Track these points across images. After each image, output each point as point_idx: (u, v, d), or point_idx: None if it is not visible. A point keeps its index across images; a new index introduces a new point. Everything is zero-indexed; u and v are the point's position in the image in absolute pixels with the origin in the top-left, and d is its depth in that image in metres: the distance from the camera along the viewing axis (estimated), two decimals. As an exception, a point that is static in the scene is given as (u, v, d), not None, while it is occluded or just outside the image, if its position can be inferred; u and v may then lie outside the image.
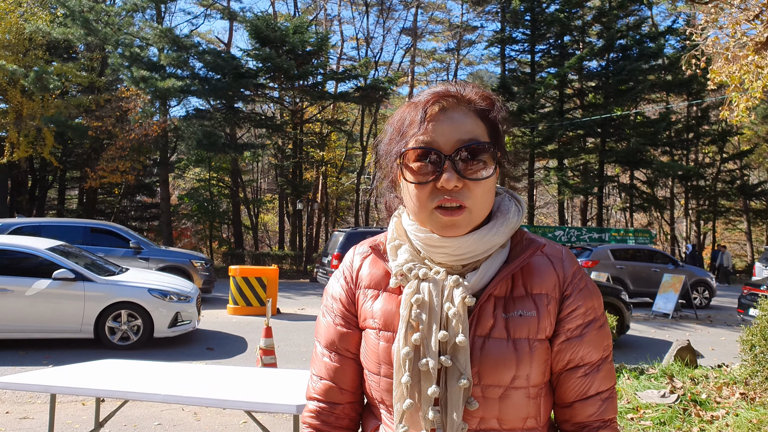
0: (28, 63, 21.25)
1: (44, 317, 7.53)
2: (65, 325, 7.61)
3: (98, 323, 7.67)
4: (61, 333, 7.65)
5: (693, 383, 5.60)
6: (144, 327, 7.79)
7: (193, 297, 8.33)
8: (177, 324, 8.02)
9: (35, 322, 7.53)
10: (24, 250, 7.80)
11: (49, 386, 3.35)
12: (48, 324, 7.56)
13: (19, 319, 7.43)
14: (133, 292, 7.82)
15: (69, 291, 7.59)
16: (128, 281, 8.07)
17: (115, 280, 8.01)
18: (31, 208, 25.13)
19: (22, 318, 7.44)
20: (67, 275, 7.56)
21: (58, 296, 7.57)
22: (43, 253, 7.76)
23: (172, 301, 7.97)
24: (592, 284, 1.20)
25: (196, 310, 8.35)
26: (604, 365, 1.17)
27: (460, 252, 1.11)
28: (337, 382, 1.23)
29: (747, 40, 6.46)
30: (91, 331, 7.65)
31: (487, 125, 1.13)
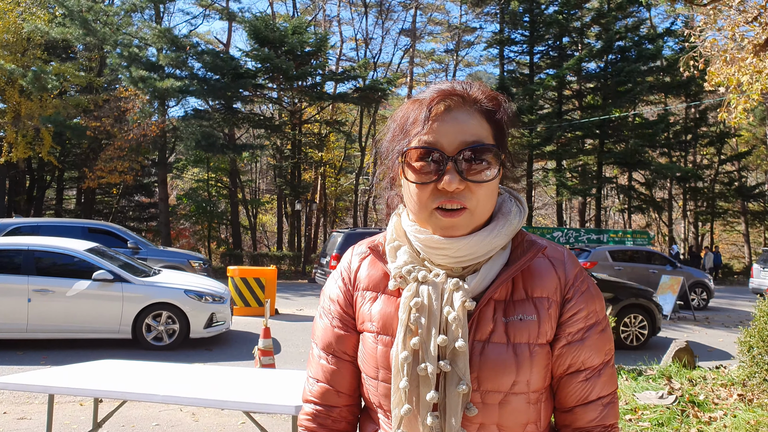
0: (26, 63, 21.24)
1: (84, 318, 7.60)
2: (104, 326, 7.69)
3: (136, 324, 7.74)
4: (100, 333, 7.73)
5: (691, 384, 5.61)
6: (180, 328, 7.86)
7: (226, 298, 8.43)
8: (212, 325, 8.12)
9: (75, 322, 7.61)
10: (64, 251, 7.85)
11: (47, 386, 3.34)
12: (87, 324, 7.64)
13: (60, 319, 7.53)
14: (170, 293, 7.89)
15: (108, 292, 7.67)
16: (164, 282, 8.14)
17: (151, 282, 8.07)
18: (29, 208, 25.10)
19: (64, 318, 7.54)
20: (106, 276, 7.63)
21: (97, 297, 7.64)
22: (81, 254, 7.83)
23: (208, 302, 8.05)
24: (595, 287, 1.17)
25: (229, 311, 8.45)
26: (606, 370, 1.15)
27: (460, 254, 1.09)
28: (334, 385, 1.21)
29: (745, 42, 6.47)
30: (129, 331, 7.72)
31: (492, 126, 1.11)
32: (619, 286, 9.52)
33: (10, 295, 7.38)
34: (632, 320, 9.07)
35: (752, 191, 30.24)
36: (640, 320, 9.08)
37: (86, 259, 7.77)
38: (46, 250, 7.79)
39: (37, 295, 7.42)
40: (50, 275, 7.60)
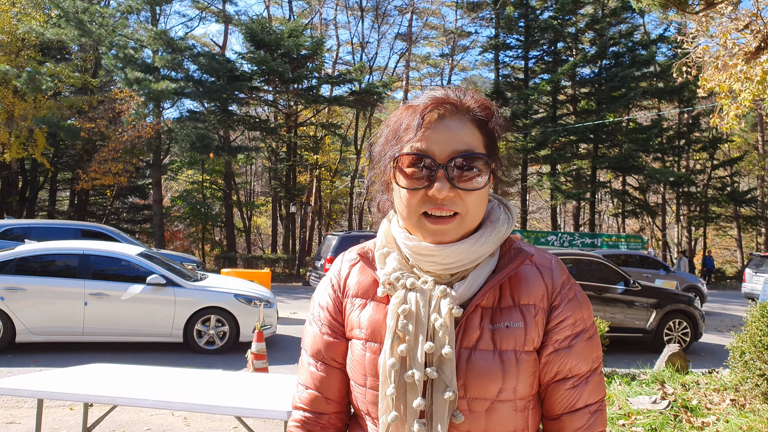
0: (20, 63, 21.17)
1: (138, 321, 7.69)
2: (157, 330, 7.75)
3: (187, 328, 7.80)
4: (153, 337, 7.79)
5: (684, 389, 5.62)
6: (230, 332, 7.90)
7: (273, 302, 8.50)
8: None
9: (129, 326, 7.69)
10: (118, 255, 7.96)
11: (36, 391, 3.32)
12: (141, 328, 7.72)
13: (114, 322, 7.64)
14: (220, 297, 7.94)
15: (160, 296, 7.74)
16: (214, 287, 8.20)
17: (202, 286, 8.14)
18: (21, 210, 24.97)
19: (118, 322, 7.64)
20: (159, 281, 7.72)
21: (150, 301, 7.71)
22: (135, 258, 7.94)
23: (256, 306, 8.08)
24: (582, 294, 1.18)
25: (276, 315, 8.53)
26: (593, 377, 1.15)
27: (448, 261, 1.09)
28: (323, 392, 1.21)
29: (737, 49, 6.52)
30: (180, 335, 7.80)
31: (483, 135, 1.12)
32: (662, 293, 9.73)
33: (67, 299, 7.50)
34: (675, 325, 9.32)
35: (744, 196, 30.40)
36: (683, 326, 9.32)
37: (139, 263, 7.89)
38: (101, 255, 7.90)
39: (93, 298, 7.53)
40: (104, 279, 7.70)
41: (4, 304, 7.34)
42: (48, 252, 7.89)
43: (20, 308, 7.39)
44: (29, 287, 7.45)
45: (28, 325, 7.43)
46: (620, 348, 9.29)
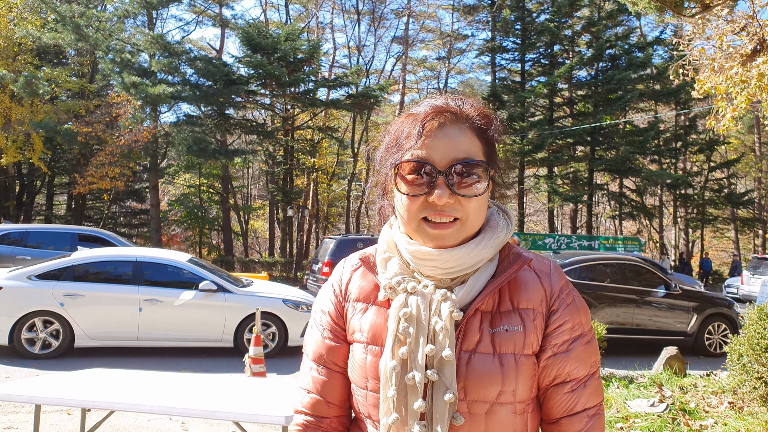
0: (17, 68, 21.15)
1: (190, 326, 7.82)
2: (208, 335, 7.87)
3: (237, 333, 7.90)
4: (205, 342, 7.91)
5: (682, 392, 5.63)
6: (279, 336, 8.01)
7: None
8: None
9: (182, 331, 7.83)
10: (170, 262, 8.16)
11: (34, 396, 3.31)
12: (193, 333, 7.85)
13: (168, 328, 7.77)
14: (269, 302, 8.02)
15: (212, 302, 7.85)
16: (263, 292, 8.33)
17: (251, 292, 8.27)
18: (18, 214, 24.92)
19: (171, 327, 7.77)
20: (210, 287, 7.85)
21: (202, 307, 7.83)
22: (186, 265, 8.13)
23: (303, 311, 8.20)
24: (580, 299, 1.20)
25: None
26: (591, 381, 1.17)
27: (448, 265, 1.12)
28: (324, 396, 1.23)
29: (733, 51, 6.54)
30: (231, 340, 7.90)
31: (483, 143, 1.15)
32: (703, 297, 9.95)
33: (123, 304, 7.67)
34: (715, 328, 9.49)
35: (741, 198, 30.46)
36: (723, 329, 9.46)
37: (190, 269, 8.07)
38: (154, 262, 8.09)
39: (147, 304, 7.67)
40: (157, 285, 7.87)
41: (63, 310, 7.48)
42: (103, 259, 8.06)
43: (79, 314, 7.54)
44: (87, 293, 7.59)
45: (86, 330, 7.57)
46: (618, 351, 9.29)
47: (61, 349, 7.52)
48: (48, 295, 7.45)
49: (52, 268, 7.71)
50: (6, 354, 7.61)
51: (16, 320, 7.37)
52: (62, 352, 7.54)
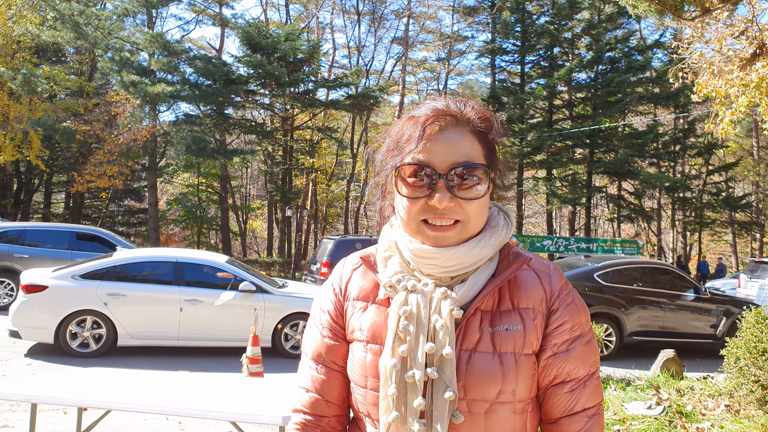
0: (16, 65, 21.11)
1: (229, 327, 7.91)
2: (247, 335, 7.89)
3: (275, 332, 8.02)
4: (243, 342, 7.87)
5: (679, 395, 5.63)
6: None
7: None
8: None
9: (220, 331, 7.92)
10: (209, 263, 8.34)
11: (30, 395, 3.30)
12: (232, 333, 7.92)
13: (207, 328, 7.88)
14: (306, 303, 8.12)
15: (251, 302, 7.91)
16: (300, 293, 8.44)
17: (288, 292, 8.38)
18: (16, 212, 24.87)
19: (210, 327, 7.88)
20: (250, 287, 7.98)
21: (241, 307, 7.92)
22: (225, 266, 8.30)
23: None
24: (580, 299, 1.21)
25: None
26: (591, 381, 1.17)
27: (448, 264, 1.12)
28: (323, 395, 1.23)
29: (732, 55, 6.55)
30: (269, 340, 7.99)
31: (483, 146, 1.16)
32: (732, 300, 10.12)
33: (164, 304, 7.82)
34: None
35: (739, 202, 30.50)
36: None
37: (229, 270, 8.21)
38: (193, 263, 8.26)
39: (188, 304, 7.83)
40: (197, 286, 8.04)
41: (107, 309, 7.62)
42: (144, 260, 8.23)
43: (122, 313, 7.68)
44: (129, 293, 7.74)
45: (128, 329, 7.69)
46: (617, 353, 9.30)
47: (104, 348, 7.67)
48: (92, 295, 7.60)
49: (95, 268, 7.86)
50: (51, 352, 7.73)
51: (61, 319, 7.51)
52: (105, 351, 7.69)
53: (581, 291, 9.28)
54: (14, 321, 7.48)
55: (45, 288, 7.54)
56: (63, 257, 11.35)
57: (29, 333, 7.56)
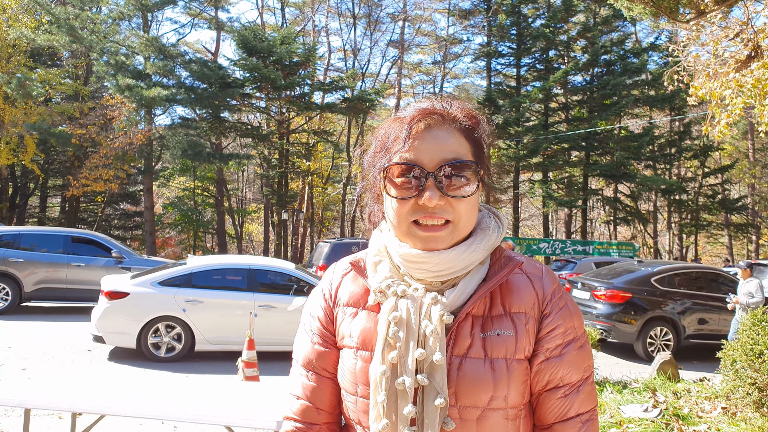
0: (11, 69, 21.05)
1: None
2: None
3: None
4: None
5: (675, 397, 5.62)
6: None
7: None
8: None
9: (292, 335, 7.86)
10: (280, 270, 8.52)
11: (23, 401, 3.27)
12: None
13: (280, 333, 7.98)
14: None
15: None
16: None
17: None
18: (11, 216, 24.77)
19: (284, 332, 7.95)
20: None
21: None
22: (294, 272, 8.52)
23: None
24: (573, 304, 1.19)
25: None
26: (585, 386, 1.15)
27: (438, 268, 1.10)
28: (314, 402, 1.21)
29: (728, 57, 6.57)
30: None
31: (471, 144, 1.14)
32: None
33: (239, 310, 7.95)
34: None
35: (735, 204, 30.59)
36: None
37: (299, 276, 8.42)
38: (265, 269, 8.44)
39: (262, 310, 7.97)
40: (270, 292, 8.22)
41: (185, 315, 7.79)
42: (219, 267, 8.35)
43: (199, 319, 7.85)
44: (206, 300, 7.91)
45: (205, 334, 7.86)
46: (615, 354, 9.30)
47: (183, 353, 7.82)
48: (171, 301, 7.77)
49: (173, 275, 8.04)
50: (132, 357, 7.87)
51: (143, 325, 7.69)
52: (183, 356, 7.84)
53: (640, 296, 9.51)
54: (98, 326, 7.67)
55: (127, 295, 7.72)
56: (58, 261, 11.31)
57: (112, 338, 7.75)
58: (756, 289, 8.47)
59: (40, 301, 11.35)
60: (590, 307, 9.91)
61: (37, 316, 10.75)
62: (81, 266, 11.46)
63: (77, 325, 10.09)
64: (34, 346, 8.27)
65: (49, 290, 11.24)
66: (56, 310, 11.61)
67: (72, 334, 9.31)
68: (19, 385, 3.69)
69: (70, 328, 9.76)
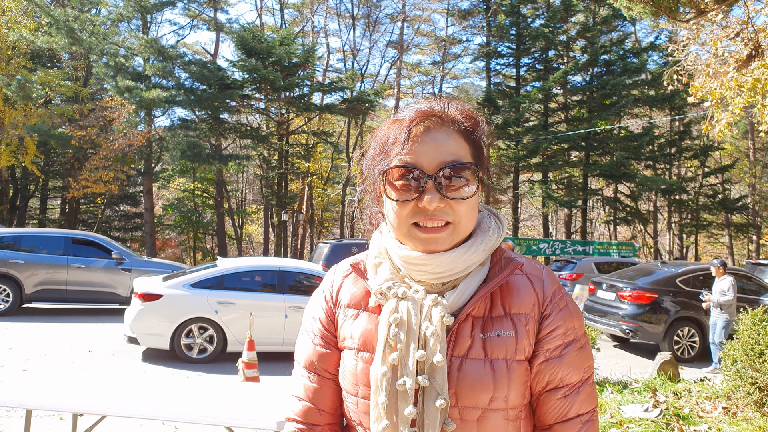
0: (11, 71, 21.04)
1: None
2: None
3: None
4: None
5: (676, 397, 5.62)
6: None
7: None
8: None
9: None
10: (309, 272, 8.72)
11: (24, 402, 3.27)
12: None
13: None
14: None
15: None
16: None
17: None
18: (12, 218, 24.76)
19: None
20: None
21: None
22: (321, 273, 8.67)
23: None
24: (573, 304, 1.19)
25: None
26: (585, 387, 1.15)
27: (439, 270, 1.11)
28: (315, 404, 1.22)
29: (728, 56, 6.56)
30: None
31: (470, 145, 1.14)
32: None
33: (270, 311, 8.10)
34: None
35: (735, 204, 30.55)
36: None
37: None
38: (295, 271, 8.59)
39: (292, 311, 8.10)
40: (300, 293, 8.35)
41: (218, 317, 7.92)
42: (250, 269, 8.51)
43: (231, 320, 7.96)
44: (238, 301, 8.03)
45: (237, 336, 7.93)
46: (614, 356, 9.29)
47: (215, 354, 7.94)
48: (203, 303, 7.89)
49: (205, 277, 8.17)
50: (165, 358, 7.97)
51: (176, 326, 7.81)
52: (215, 357, 7.96)
53: (665, 296, 9.61)
54: (133, 328, 7.77)
55: (160, 297, 7.82)
56: (59, 263, 11.32)
57: (146, 339, 7.85)
58: (728, 287, 8.53)
59: (41, 303, 11.35)
60: (616, 307, 9.95)
61: (38, 318, 10.75)
62: (81, 268, 11.46)
63: (78, 326, 10.09)
64: (35, 347, 8.27)
65: (50, 292, 11.25)
66: (57, 311, 11.61)
67: (73, 335, 9.31)
68: (20, 385, 3.69)
69: (71, 330, 9.76)
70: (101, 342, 8.92)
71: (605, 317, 10.16)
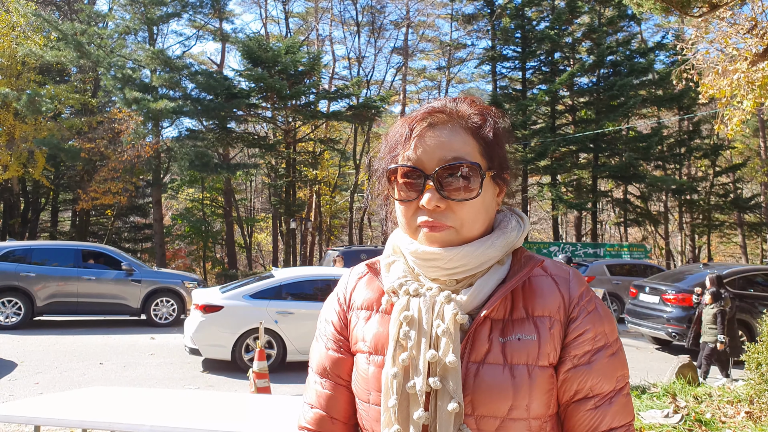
0: (20, 86, 21.24)
1: None
2: None
3: None
4: None
5: (697, 402, 5.50)
6: None
7: None
8: None
9: None
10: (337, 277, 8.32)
11: (33, 417, 3.23)
12: None
13: None
14: None
15: None
16: None
17: None
18: (23, 231, 24.91)
19: None
20: None
21: None
22: None
23: None
24: (604, 308, 1.11)
25: None
26: (618, 398, 1.06)
27: (451, 265, 1.04)
28: (328, 411, 1.16)
29: (737, 54, 6.47)
30: None
31: (479, 142, 1.07)
32: None
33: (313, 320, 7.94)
34: None
35: (748, 203, 30.24)
36: None
37: None
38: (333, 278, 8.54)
39: None
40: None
41: (277, 326, 8.04)
42: (305, 279, 8.65)
43: (290, 330, 8.08)
44: (296, 311, 8.16)
45: (296, 345, 8.06)
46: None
47: (276, 363, 7.97)
48: (264, 314, 7.96)
49: (263, 288, 8.30)
50: (225, 369, 8.06)
51: (237, 336, 7.94)
52: (275, 367, 7.93)
53: None
54: (194, 339, 7.87)
55: (221, 308, 7.95)
56: (69, 275, 11.35)
57: (208, 350, 7.98)
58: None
59: (52, 315, 11.36)
60: (659, 311, 9.90)
61: (50, 330, 10.76)
62: (92, 279, 11.48)
63: (89, 338, 10.09)
64: (47, 360, 8.26)
65: (61, 304, 11.28)
66: (68, 323, 11.62)
67: (84, 347, 9.30)
68: (29, 401, 3.65)
69: (82, 342, 9.75)
70: (113, 354, 8.90)
71: (648, 320, 10.12)
